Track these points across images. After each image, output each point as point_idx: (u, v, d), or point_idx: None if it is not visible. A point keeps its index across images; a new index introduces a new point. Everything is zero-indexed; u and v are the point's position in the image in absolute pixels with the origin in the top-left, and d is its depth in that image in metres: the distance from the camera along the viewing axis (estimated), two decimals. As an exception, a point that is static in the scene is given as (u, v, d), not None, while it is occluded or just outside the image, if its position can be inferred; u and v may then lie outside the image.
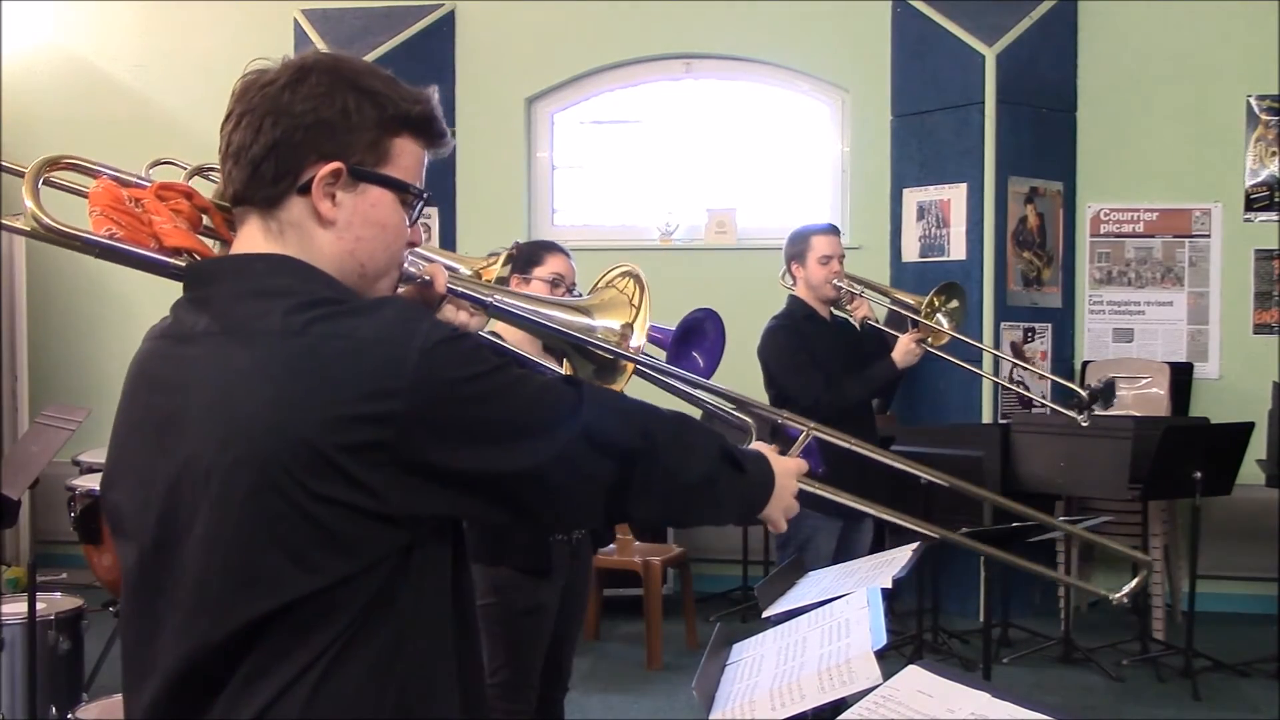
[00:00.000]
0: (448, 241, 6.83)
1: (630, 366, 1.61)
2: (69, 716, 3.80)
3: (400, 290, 1.49)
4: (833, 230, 4.36)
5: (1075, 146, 6.51)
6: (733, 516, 1.62)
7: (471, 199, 6.91)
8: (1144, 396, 6.13)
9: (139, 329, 1.44)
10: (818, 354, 4.20)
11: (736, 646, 2.05)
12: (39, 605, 3.82)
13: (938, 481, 1.96)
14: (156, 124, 7.00)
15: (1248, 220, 6.43)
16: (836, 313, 4.33)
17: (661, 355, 2.39)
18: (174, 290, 1.41)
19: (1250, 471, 5.33)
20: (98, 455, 5.01)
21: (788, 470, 1.65)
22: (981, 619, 4.53)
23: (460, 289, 1.56)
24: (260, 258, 1.36)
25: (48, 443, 3.87)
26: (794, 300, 4.34)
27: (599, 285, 1.70)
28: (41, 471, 3.84)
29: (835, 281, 4.24)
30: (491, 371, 1.33)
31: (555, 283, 3.15)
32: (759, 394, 4.25)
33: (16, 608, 3.89)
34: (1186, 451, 4.95)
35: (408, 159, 1.41)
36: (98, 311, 7.21)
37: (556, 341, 1.69)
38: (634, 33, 6.87)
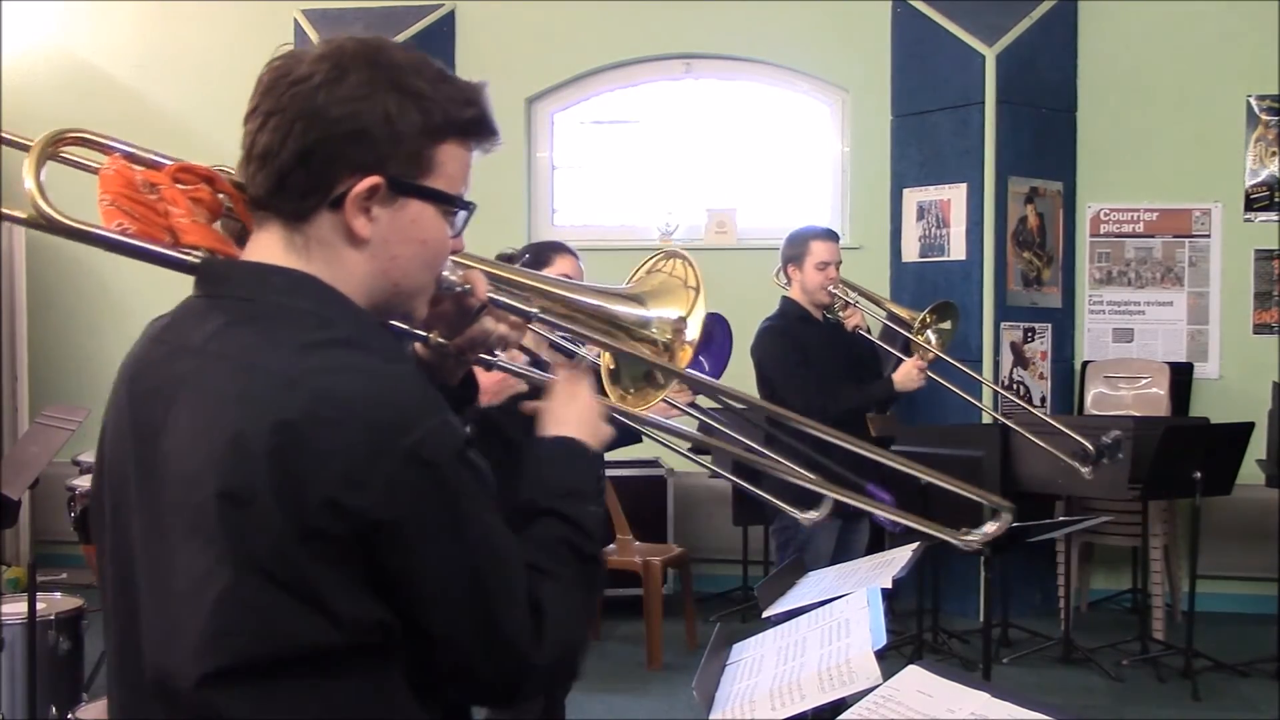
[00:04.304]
0: (448, 242, 6.81)
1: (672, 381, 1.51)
2: (69, 716, 3.79)
3: (435, 296, 1.35)
4: (832, 236, 4.35)
5: (1075, 146, 6.50)
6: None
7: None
8: (1144, 396, 6.13)
9: (139, 329, 1.35)
10: (811, 356, 4.21)
11: (736, 646, 2.06)
12: (39, 605, 3.81)
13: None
14: (155, 124, 6.96)
15: (1248, 220, 6.43)
16: (828, 314, 4.32)
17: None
18: (176, 292, 1.33)
19: (1250, 471, 5.32)
20: (98, 455, 5.00)
21: (583, 417, 1.44)
22: (981, 619, 4.53)
23: (501, 298, 1.43)
24: (279, 272, 1.22)
25: (48, 443, 3.87)
26: (787, 301, 4.34)
27: (641, 273, 1.59)
28: (41, 471, 3.84)
29: (830, 288, 4.23)
30: (472, 515, 1.18)
31: None
32: (752, 390, 4.25)
33: (16, 608, 3.88)
34: (1186, 451, 4.95)
35: (453, 165, 1.29)
36: (98, 311, 7.20)
37: (607, 350, 1.57)
38: (634, 33, 6.87)
